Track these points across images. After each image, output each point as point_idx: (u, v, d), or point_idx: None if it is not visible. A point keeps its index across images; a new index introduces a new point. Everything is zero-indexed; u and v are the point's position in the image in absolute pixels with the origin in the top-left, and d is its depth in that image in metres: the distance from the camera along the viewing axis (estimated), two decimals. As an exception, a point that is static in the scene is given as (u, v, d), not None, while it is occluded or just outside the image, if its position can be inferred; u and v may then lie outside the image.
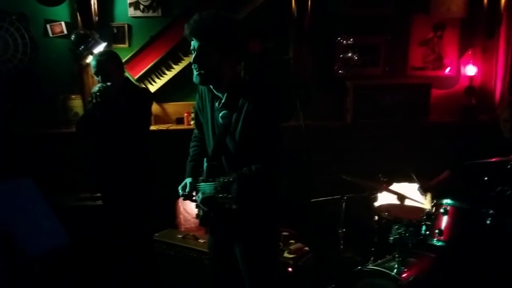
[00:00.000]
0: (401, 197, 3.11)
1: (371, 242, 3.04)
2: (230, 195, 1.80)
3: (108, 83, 2.86)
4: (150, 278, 3.24)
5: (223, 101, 2.01)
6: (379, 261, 2.62)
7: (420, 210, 3.09)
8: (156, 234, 3.43)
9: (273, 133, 1.99)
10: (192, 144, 2.35)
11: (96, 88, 2.89)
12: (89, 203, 3.44)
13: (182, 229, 4.05)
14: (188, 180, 2.20)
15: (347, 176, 2.99)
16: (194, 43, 1.93)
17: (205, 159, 2.11)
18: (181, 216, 4.19)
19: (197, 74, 1.96)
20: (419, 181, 2.84)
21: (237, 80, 2.02)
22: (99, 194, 3.44)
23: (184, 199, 2.23)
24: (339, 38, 3.93)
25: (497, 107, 2.94)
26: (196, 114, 2.27)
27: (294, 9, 3.77)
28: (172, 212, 4.07)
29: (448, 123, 3.95)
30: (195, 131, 2.36)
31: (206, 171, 2.06)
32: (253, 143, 1.93)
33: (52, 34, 3.82)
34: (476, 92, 3.93)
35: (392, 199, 3.24)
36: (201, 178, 2.16)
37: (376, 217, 3.20)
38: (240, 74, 2.08)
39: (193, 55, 1.94)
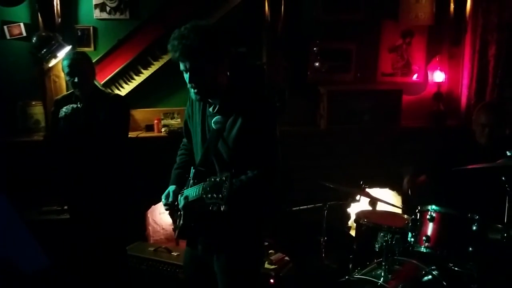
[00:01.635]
0: (374, 203, 3.13)
1: (349, 249, 3.02)
2: (220, 195, 1.67)
3: (79, 105, 2.69)
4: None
5: (218, 106, 1.95)
6: (365, 269, 2.58)
7: (397, 216, 3.13)
8: (126, 248, 3.26)
9: (270, 140, 1.94)
10: (179, 152, 2.28)
11: (63, 112, 2.72)
12: (54, 217, 3.21)
13: (151, 241, 3.90)
14: (171, 189, 2.10)
15: (327, 183, 2.95)
16: (184, 64, 1.87)
17: (192, 166, 2.02)
18: (150, 228, 4.03)
19: (196, 93, 1.91)
20: (409, 175, 2.84)
21: (232, 85, 1.96)
22: (64, 207, 3.22)
23: (167, 209, 2.11)
24: (311, 43, 3.92)
25: (474, 112, 2.99)
26: (186, 122, 2.19)
27: (267, 13, 3.71)
28: (141, 223, 3.90)
29: (417, 128, 4.02)
30: (184, 140, 2.29)
31: (193, 177, 1.98)
32: (249, 150, 1.85)
33: (10, 36, 3.56)
34: (443, 98, 4.02)
35: (363, 205, 3.25)
36: (185, 188, 2.06)
37: (354, 224, 3.20)
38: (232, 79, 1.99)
39: (187, 75, 1.89)
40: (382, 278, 2.42)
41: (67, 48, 3.41)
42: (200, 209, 1.89)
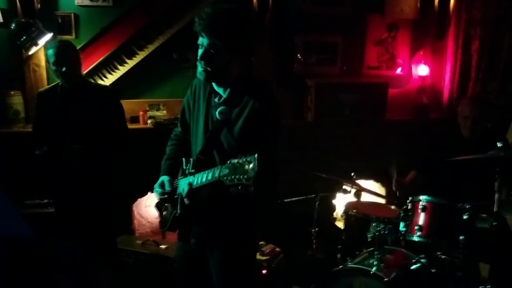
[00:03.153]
0: (358, 194, 3.15)
1: (336, 240, 3.05)
2: (245, 176, 1.58)
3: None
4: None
5: (224, 96, 1.91)
6: (356, 259, 2.60)
7: (384, 207, 3.18)
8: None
9: (274, 135, 1.93)
10: (170, 142, 2.21)
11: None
12: (38, 211, 3.10)
13: (137, 235, 3.84)
14: (165, 178, 2.03)
15: (320, 173, 2.96)
16: (203, 40, 1.81)
17: (195, 153, 1.97)
18: (135, 221, 3.96)
19: (203, 71, 1.85)
20: (397, 176, 2.87)
21: (242, 77, 1.92)
22: (48, 200, 3.12)
23: (164, 199, 2.05)
24: (298, 36, 3.91)
25: (459, 105, 3.05)
26: (183, 111, 2.13)
27: (255, 4, 3.67)
28: (127, 216, 3.83)
29: (402, 121, 4.07)
30: (176, 129, 2.23)
31: (193, 165, 1.93)
32: (252, 143, 1.82)
33: (-14, 22, 3.40)
34: (427, 91, 4.09)
35: (347, 197, 3.27)
36: (180, 176, 2.02)
37: (339, 215, 3.22)
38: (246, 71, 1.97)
39: (200, 51, 1.83)
40: (374, 267, 2.44)
41: (48, 36, 3.29)
42: (205, 196, 1.85)
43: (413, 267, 2.54)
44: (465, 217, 2.33)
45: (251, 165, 1.58)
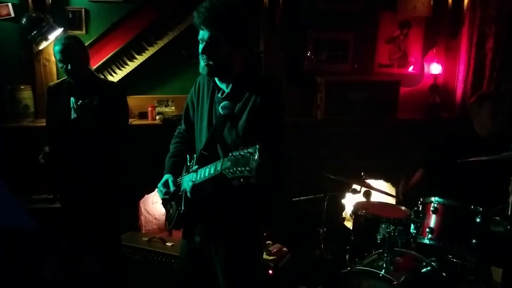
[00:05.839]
0: (368, 194, 3.10)
1: (345, 240, 3.00)
2: (247, 167, 1.55)
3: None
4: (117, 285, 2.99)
5: (227, 91, 1.90)
6: (365, 261, 2.56)
7: (394, 207, 3.12)
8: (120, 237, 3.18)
9: (278, 130, 1.90)
10: (174, 140, 2.20)
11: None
12: (45, 205, 3.10)
13: (143, 231, 3.83)
14: (169, 177, 2.02)
15: (329, 174, 2.92)
16: (204, 33, 1.82)
17: (199, 150, 1.96)
18: (142, 218, 3.96)
19: (205, 65, 1.85)
20: (403, 185, 2.82)
21: (245, 72, 1.90)
22: (56, 195, 3.11)
23: (168, 199, 2.03)
24: (309, 33, 3.86)
25: (472, 102, 2.96)
26: (187, 108, 2.13)
27: (266, 1, 3.63)
28: (134, 213, 3.82)
29: (413, 120, 4.02)
30: (180, 127, 2.22)
31: (196, 160, 1.92)
32: (255, 137, 1.79)
33: (-3, 16, 3.41)
34: (439, 90, 4.02)
35: (357, 197, 3.22)
36: (184, 173, 2.00)
37: (348, 215, 3.17)
38: (249, 66, 1.93)
39: (202, 45, 1.83)
40: (384, 270, 2.40)
41: (59, 31, 3.29)
42: (209, 191, 1.83)
43: (424, 270, 2.49)
44: (478, 220, 2.27)
45: (252, 157, 1.55)
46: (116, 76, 3.61)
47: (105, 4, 3.56)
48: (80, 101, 2.62)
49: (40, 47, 3.38)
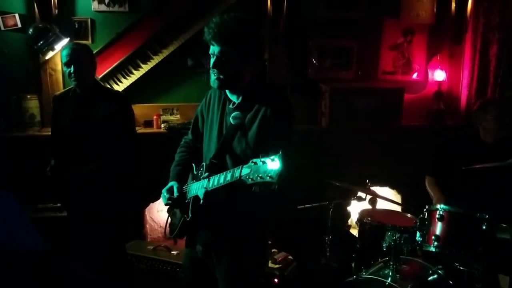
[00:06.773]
0: (374, 201, 3.09)
1: (351, 248, 2.99)
2: (269, 174, 1.57)
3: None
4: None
5: (237, 102, 1.93)
6: (371, 269, 2.55)
7: (400, 215, 3.11)
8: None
9: (290, 138, 1.91)
10: (180, 149, 2.22)
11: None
12: (51, 214, 3.11)
13: (149, 240, 3.83)
14: (174, 184, 2.03)
15: (333, 181, 2.91)
16: (214, 48, 1.86)
17: (208, 159, 1.98)
18: (148, 226, 3.96)
19: (216, 79, 1.89)
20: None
21: (254, 83, 1.94)
22: (60, 204, 3.13)
23: (170, 205, 2.04)
24: (312, 41, 3.88)
25: (476, 109, 2.95)
26: (196, 119, 2.15)
27: (269, 8, 3.66)
28: (139, 221, 3.83)
29: (418, 127, 4.01)
30: (186, 137, 2.24)
31: (206, 169, 1.94)
32: (265, 147, 1.80)
33: (4, 27, 3.45)
34: (444, 97, 4.02)
35: (362, 204, 3.22)
36: (191, 181, 2.01)
37: (354, 223, 3.16)
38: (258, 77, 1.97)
39: (212, 60, 1.88)
40: (390, 278, 2.39)
41: (65, 41, 3.32)
42: (221, 198, 1.84)
43: (430, 278, 2.48)
44: (484, 227, 2.26)
45: (274, 163, 1.57)
46: (122, 85, 3.64)
47: (111, 14, 3.60)
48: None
49: (47, 57, 3.41)
